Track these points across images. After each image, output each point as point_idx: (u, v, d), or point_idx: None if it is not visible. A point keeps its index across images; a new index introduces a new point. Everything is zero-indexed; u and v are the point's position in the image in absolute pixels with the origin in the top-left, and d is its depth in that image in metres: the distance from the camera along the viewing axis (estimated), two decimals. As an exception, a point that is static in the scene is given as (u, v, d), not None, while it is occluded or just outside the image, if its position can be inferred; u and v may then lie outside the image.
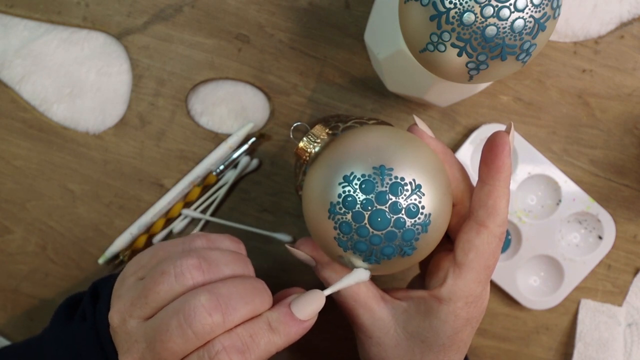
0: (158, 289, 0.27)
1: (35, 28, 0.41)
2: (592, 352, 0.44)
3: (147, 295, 0.27)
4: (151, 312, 0.27)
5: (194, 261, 0.27)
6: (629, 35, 0.41)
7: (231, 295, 0.26)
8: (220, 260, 0.28)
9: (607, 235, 0.43)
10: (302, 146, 0.28)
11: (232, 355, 0.25)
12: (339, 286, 0.27)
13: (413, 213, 0.24)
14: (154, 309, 0.27)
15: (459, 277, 0.28)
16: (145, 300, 0.27)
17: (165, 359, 0.25)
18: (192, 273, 0.27)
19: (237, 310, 0.26)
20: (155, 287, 0.27)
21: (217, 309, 0.25)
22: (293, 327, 0.26)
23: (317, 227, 0.26)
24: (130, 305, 0.27)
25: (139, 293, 0.27)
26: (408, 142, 0.26)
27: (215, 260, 0.28)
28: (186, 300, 0.26)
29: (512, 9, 0.23)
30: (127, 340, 0.27)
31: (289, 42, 0.40)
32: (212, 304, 0.25)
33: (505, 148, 0.27)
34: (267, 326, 0.26)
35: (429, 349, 0.28)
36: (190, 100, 0.42)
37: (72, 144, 0.42)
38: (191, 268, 0.27)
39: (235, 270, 0.28)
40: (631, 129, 0.42)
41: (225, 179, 0.42)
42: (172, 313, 0.26)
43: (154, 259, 0.29)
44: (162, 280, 0.27)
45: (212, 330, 0.25)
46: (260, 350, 0.26)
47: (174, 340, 0.25)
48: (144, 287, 0.27)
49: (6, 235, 0.43)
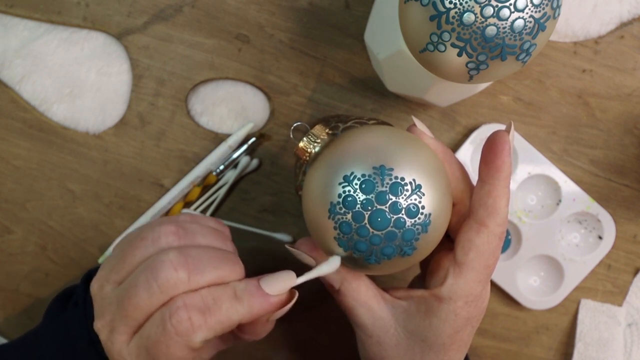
0: (135, 253, 0.27)
1: (35, 28, 0.41)
2: (592, 352, 0.44)
3: (125, 259, 0.27)
4: (126, 275, 0.27)
5: (172, 227, 0.28)
6: (629, 35, 0.41)
7: (201, 258, 0.27)
8: (198, 231, 0.29)
9: (607, 235, 0.43)
10: (302, 146, 0.28)
11: (192, 313, 0.25)
12: (311, 275, 0.27)
13: (413, 213, 0.24)
14: (129, 272, 0.27)
15: (459, 276, 0.28)
16: (123, 264, 0.27)
17: (131, 316, 0.26)
18: (168, 237, 0.28)
19: (203, 272, 0.26)
20: (133, 252, 0.27)
21: (183, 266, 0.26)
22: (258, 299, 0.26)
23: (317, 227, 0.26)
24: (109, 272, 0.28)
25: (117, 259, 0.28)
26: (408, 142, 0.26)
27: (193, 231, 0.29)
28: (155, 256, 0.26)
29: (512, 9, 0.23)
30: (102, 304, 0.28)
31: (289, 42, 0.40)
32: (180, 261, 0.26)
33: (505, 147, 0.27)
34: (232, 293, 0.26)
35: (429, 348, 0.29)
36: (190, 100, 0.42)
37: (72, 144, 0.42)
38: (168, 233, 0.28)
39: (211, 243, 0.29)
40: (631, 129, 0.42)
41: (225, 179, 0.42)
42: (141, 270, 0.26)
43: (135, 233, 0.30)
44: (140, 245, 0.27)
45: (175, 285, 0.25)
46: (221, 314, 0.26)
47: (140, 294, 0.26)
48: (122, 252, 0.28)
49: (6, 235, 0.43)
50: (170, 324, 0.25)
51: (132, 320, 0.26)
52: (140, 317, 0.26)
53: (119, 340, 0.27)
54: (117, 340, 0.27)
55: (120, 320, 0.26)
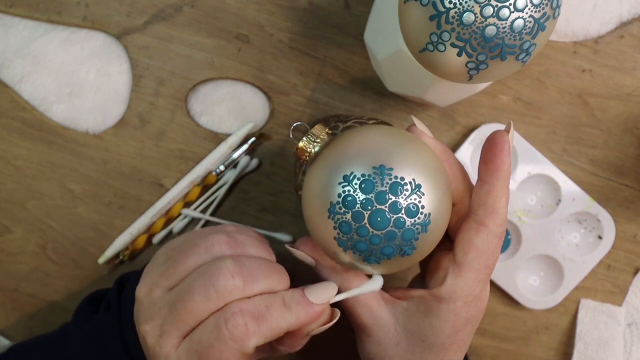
0: (187, 261, 0.28)
1: (35, 28, 0.41)
2: (592, 352, 0.44)
3: (177, 266, 0.28)
4: (179, 281, 0.28)
5: (224, 237, 0.29)
6: (629, 35, 0.41)
7: (253, 267, 0.27)
8: (247, 242, 0.30)
9: (607, 235, 0.43)
10: (302, 146, 0.28)
11: (247, 318, 0.26)
12: (354, 293, 0.28)
13: (413, 213, 0.24)
14: (181, 279, 0.28)
15: (459, 276, 0.28)
16: (174, 270, 0.28)
17: (185, 320, 0.26)
18: (222, 247, 0.28)
19: (257, 280, 0.27)
20: (185, 259, 0.28)
21: (240, 274, 0.26)
22: (304, 309, 0.27)
23: (317, 227, 0.26)
24: (159, 277, 0.28)
25: (169, 265, 0.28)
26: (408, 142, 0.26)
27: (243, 242, 0.29)
28: (212, 263, 0.27)
29: (512, 9, 0.23)
30: (151, 309, 0.28)
31: (289, 42, 0.40)
32: (236, 269, 0.27)
33: (505, 147, 0.27)
34: (282, 302, 0.27)
35: (429, 349, 0.29)
36: (190, 100, 0.42)
37: (72, 144, 0.42)
38: (221, 242, 0.28)
39: (260, 254, 0.30)
40: (631, 129, 0.42)
41: (225, 179, 0.42)
42: (197, 275, 0.27)
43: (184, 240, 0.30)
44: (193, 253, 0.28)
45: (232, 292, 0.26)
46: (272, 321, 0.26)
47: (196, 299, 0.26)
48: (174, 259, 0.28)
49: (6, 235, 0.43)
50: (226, 329, 0.25)
51: (185, 325, 0.27)
52: (194, 322, 0.27)
53: (169, 344, 0.27)
54: (166, 344, 0.27)
55: (172, 324, 0.27)
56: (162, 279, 0.28)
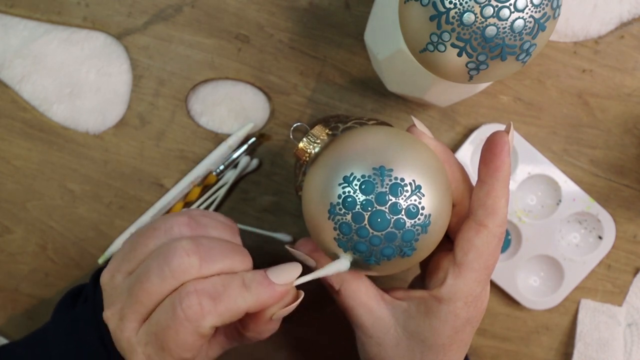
0: (147, 243, 0.28)
1: (35, 28, 0.41)
2: (592, 352, 0.44)
3: (137, 249, 0.28)
4: (138, 265, 0.28)
5: (184, 219, 0.28)
6: (629, 35, 0.41)
7: (212, 246, 0.27)
8: (209, 224, 0.29)
9: (607, 235, 0.43)
10: (302, 147, 0.28)
11: (202, 297, 0.25)
12: (319, 274, 0.27)
13: (413, 214, 0.24)
14: (141, 261, 0.27)
15: (459, 277, 0.28)
16: (134, 254, 0.28)
17: (142, 302, 0.26)
18: (181, 228, 0.28)
19: (214, 260, 0.27)
20: (145, 242, 0.28)
21: (195, 253, 0.26)
22: (265, 289, 0.27)
23: (316, 228, 0.26)
24: (120, 262, 0.28)
25: (129, 249, 0.28)
26: (408, 142, 0.26)
27: (205, 223, 0.29)
28: (169, 243, 0.27)
29: (512, 9, 0.23)
30: (112, 294, 0.28)
31: (289, 42, 0.40)
32: (192, 248, 0.26)
33: (505, 147, 0.27)
34: (241, 281, 0.26)
35: (429, 349, 0.29)
36: (190, 100, 0.42)
37: (72, 144, 0.42)
38: (180, 224, 0.28)
39: (222, 236, 0.29)
40: (631, 129, 0.42)
41: (225, 179, 0.42)
42: (154, 257, 0.27)
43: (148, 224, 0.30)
44: (152, 236, 0.28)
45: (187, 271, 0.26)
46: (229, 301, 0.26)
47: (151, 280, 0.26)
48: (134, 243, 0.28)
49: (6, 235, 0.43)
50: (181, 309, 0.25)
51: (143, 307, 0.26)
52: (151, 304, 0.26)
53: (129, 327, 0.27)
54: (126, 328, 0.27)
55: (131, 307, 0.26)
56: (123, 263, 0.28)
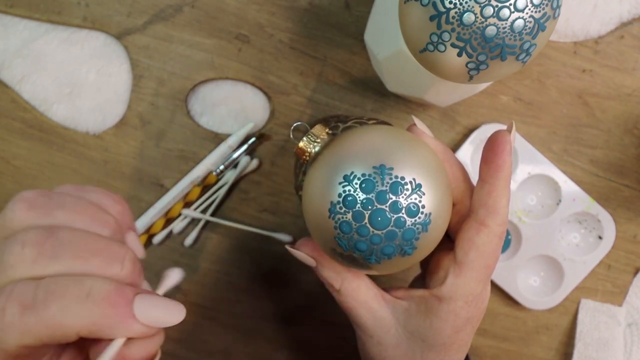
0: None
1: (35, 28, 0.41)
2: (592, 352, 0.44)
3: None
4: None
5: (29, 194, 0.23)
6: (629, 35, 0.41)
7: (66, 239, 0.21)
8: (65, 203, 0.23)
9: (607, 235, 0.43)
10: (302, 146, 0.28)
11: (11, 304, 0.19)
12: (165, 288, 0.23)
13: (413, 212, 0.24)
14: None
15: (459, 276, 0.28)
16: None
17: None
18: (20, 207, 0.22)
19: (58, 256, 0.20)
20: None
21: (36, 245, 0.20)
22: (116, 315, 0.20)
23: (317, 227, 0.26)
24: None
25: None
26: (408, 141, 0.26)
27: (59, 203, 0.23)
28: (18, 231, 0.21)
29: (512, 9, 0.23)
30: None
31: (289, 42, 0.40)
32: (37, 239, 0.21)
33: (506, 147, 0.27)
34: (83, 290, 0.19)
35: (429, 348, 0.28)
36: (190, 100, 0.42)
37: (72, 144, 0.42)
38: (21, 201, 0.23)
39: (75, 221, 0.22)
40: (631, 129, 0.42)
41: (225, 179, 0.42)
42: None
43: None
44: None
45: (14, 265, 0.20)
46: (48, 315, 0.19)
47: None
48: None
49: (6, 235, 0.43)
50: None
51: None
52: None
53: None
54: None
55: None
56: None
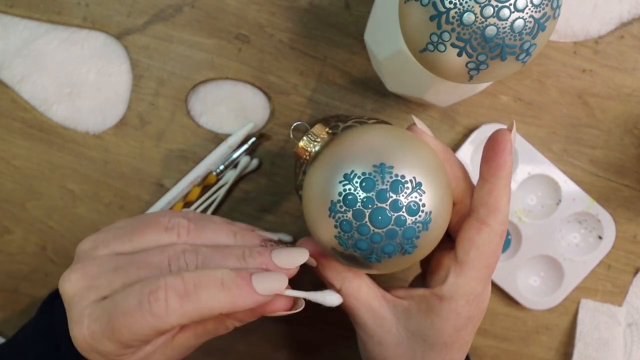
0: (147, 231, 0.27)
1: (35, 28, 0.41)
2: (592, 352, 0.44)
3: (134, 234, 0.27)
4: (129, 249, 0.27)
5: (186, 222, 0.28)
6: (629, 35, 0.41)
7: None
8: (207, 225, 0.28)
9: (607, 235, 0.43)
10: (302, 146, 0.28)
11: (169, 294, 0.24)
12: (308, 295, 0.27)
13: (414, 211, 0.24)
14: (134, 247, 0.27)
15: (460, 275, 0.28)
16: (130, 238, 0.27)
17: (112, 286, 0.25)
18: (180, 231, 0.27)
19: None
20: (145, 230, 0.27)
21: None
22: (244, 295, 0.25)
23: (317, 226, 0.26)
24: (111, 238, 0.27)
25: (126, 231, 0.27)
26: (408, 140, 0.26)
27: (203, 225, 0.28)
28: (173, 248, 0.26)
29: (512, 9, 0.23)
30: (85, 260, 0.27)
31: (289, 42, 0.40)
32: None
33: (507, 146, 0.27)
34: (219, 282, 0.25)
35: (430, 348, 0.28)
36: (190, 100, 0.42)
37: (72, 144, 0.42)
38: (181, 226, 0.27)
39: (218, 236, 0.28)
40: (631, 129, 0.42)
41: (225, 179, 0.42)
42: (155, 255, 0.26)
43: (148, 215, 0.29)
44: (154, 226, 0.27)
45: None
46: (200, 301, 0.24)
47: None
48: (133, 228, 0.27)
49: (6, 235, 0.43)
50: (147, 301, 0.24)
51: (110, 289, 0.25)
52: (119, 287, 0.25)
53: (89, 298, 0.26)
54: (86, 298, 0.26)
55: (102, 283, 0.25)
56: (115, 241, 0.27)
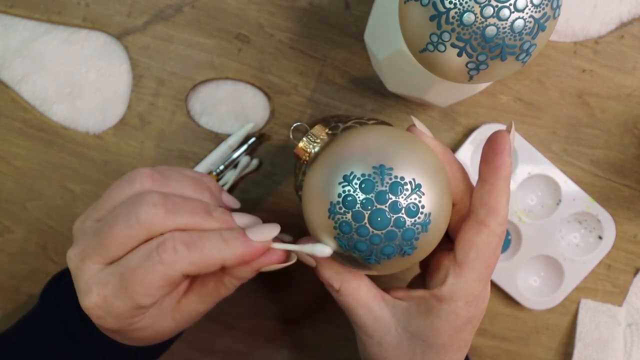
0: (112, 192, 0.29)
1: (35, 28, 0.41)
2: (592, 352, 0.44)
3: (104, 199, 0.29)
4: (105, 213, 0.29)
5: (147, 170, 0.29)
6: (629, 35, 0.41)
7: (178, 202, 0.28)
8: (173, 176, 0.30)
9: (607, 235, 0.43)
10: (302, 146, 0.28)
11: (177, 244, 0.26)
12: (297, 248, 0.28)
13: (413, 212, 0.24)
14: (108, 209, 0.29)
15: (460, 276, 0.28)
16: (102, 203, 0.29)
17: (107, 245, 0.27)
18: (142, 178, 0.29)
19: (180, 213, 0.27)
20: (111, 191, 0.29)
21: (162, 205, 0.27)
22: (242, 244, 0.28)
23: (317, 227, 0.26)
24: (90, 210, 0.29)
25: (102, 199, 0.29)
26: (408, 141, 0.26)
27: (168, 175, 0.29)
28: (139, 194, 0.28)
29: (512, 9, 0.23)
30: (78, 237, 0.29)
31: (289, 42, 0.40)
32: (159, 200, 0.27)
33: (506, 147, 0.27)
34: (219, 235, 0.27)
35: (430, 349, 0.28)
36: (190, 100, 0.42)
37: (72, 144, 0.42)
38: (142, 174, 0.29)
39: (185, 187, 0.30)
40: (631, 129, 0.42)
41: (225, 179, 0.42)
42: (122, 205, 0.28)
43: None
44: (117, 185, 0.29)
45: (152, 219, 0.27)
46: (205, 251, 0.27)
47: (119, 225, 0.27)
48: (104, 194, 0.29)
49: (6, 235, 0.43)
50: (156, 252, 0.26)
51: (106, 250, 0.27)
52: (115, 249, 0.27)
53: (90, 268, 0.27)
54: (87, 269, 0.27)
55: (94, 249, 0.27)
56: (93, 211, 0.29)
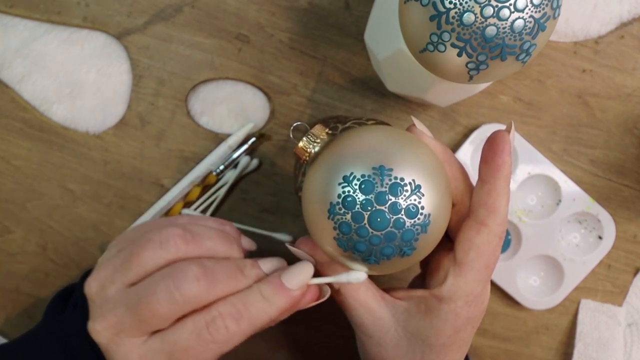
0: (143, 254, 0.27)
1: (35, 28, 0.41)
2: (592, 352, 0.44)
3: (132, 260, 0.27)
4: (135, 278, 0.27)
5: (179, 231, 0.28)
6: (629, 35, 0.41)
7: (214, 269, 0.27)
8: (204, 233, 0.29)
9: (607, 235, 0.43)
10: (302, 146, 0.28)
11: (227, 320, 0.26)
12: (331, 280, 0.28)
13: (412, 213, 0.24)
14: (138, 274, 0.27)
15: (460, 276, 0.28)
16: (129, 265, 0.27)
17: (147, 321, 0.26)
18: (176, 241, 0.28)
19: (219, 281, 0.27)
20: (140, 253, 0.27)
21: (204, 277, 0.27)
22: (283, 297, 0.28)
23: (316, 228, 0.26)
24: (113, 272, 0.28)
25: (122, 259, 0.28)
26: (407, 142, 0.26)
27: (199, 233, 0.29)
28: (176, 267, 0.27)
29: (512, 9, 0.23)
30: (104, 305, 0.27)
31: (289, 42, 0.40)
32: (201, 273, 0.27)
33: (506, 147, 0.27)
34: (259, 295, 0.27)
35: (429, 349, 0.28)
36: (190, 100, 0.42)
37: (72, 144, 0.42)
38: (175, 237, 0.28)
39: (217, 245, 0.29)
40: (631, 129, 0.42)
41: (225, 179, 0.42)
42: (160, 278, 0.27)
43: (137, 232, 0.30)
44: (147, 246, 0.27)
45: (198, 295, 0.26)
46: (252, 318, 0.27)
47: (160, 302, 0.26)
48: (128, 253, 0.28)
49: (6, 235, 0.43)
50: (208, 332, 0.26)
51: (147, 325, 0.27)
52: (156, 323, 0.27)
53: (129, 342, 0.27)
54: (125, 343, 0.27)
55: (133, 324, 0.26)
56: (117, 274, 0.28)
